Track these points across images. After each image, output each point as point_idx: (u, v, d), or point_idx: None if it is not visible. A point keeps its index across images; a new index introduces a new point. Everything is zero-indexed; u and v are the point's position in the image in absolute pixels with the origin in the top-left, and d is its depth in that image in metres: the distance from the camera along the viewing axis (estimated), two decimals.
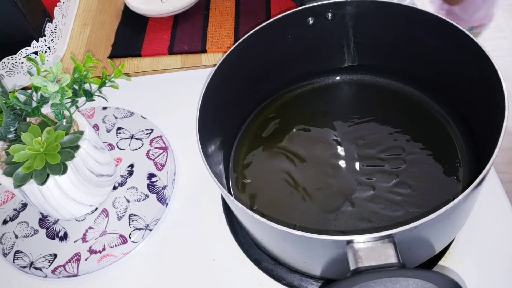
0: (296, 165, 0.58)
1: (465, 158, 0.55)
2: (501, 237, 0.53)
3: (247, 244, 0.56)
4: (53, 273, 0.55)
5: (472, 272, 0.51)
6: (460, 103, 0.56)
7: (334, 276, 0.48)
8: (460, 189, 0.53)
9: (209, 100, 0.51)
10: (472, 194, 0.42)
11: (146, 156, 0.64)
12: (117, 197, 0.60)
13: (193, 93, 0.60)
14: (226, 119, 0.59)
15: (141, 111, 0.69)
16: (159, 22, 0.83)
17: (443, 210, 0.38)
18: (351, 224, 0.52)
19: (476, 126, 0.53)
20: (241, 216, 0.49)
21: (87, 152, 0.53)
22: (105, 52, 0.80)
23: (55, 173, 0.49)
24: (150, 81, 0.75)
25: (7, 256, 0.57)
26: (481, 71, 0.49)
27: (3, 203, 0.62)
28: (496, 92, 0.46)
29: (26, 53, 0.74)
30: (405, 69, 0.61)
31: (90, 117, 0.69)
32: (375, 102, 0.62)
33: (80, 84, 0.53)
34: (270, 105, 0.65)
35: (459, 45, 0.51)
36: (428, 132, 0.58)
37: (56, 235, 0.58)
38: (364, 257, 0.38)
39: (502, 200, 0.56)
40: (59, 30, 0.81)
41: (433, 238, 0.44)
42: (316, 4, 0.57)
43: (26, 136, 0.48)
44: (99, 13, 0.88)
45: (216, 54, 0.78)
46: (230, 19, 0.82)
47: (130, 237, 0.56)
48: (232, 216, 0.58)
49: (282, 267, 0.54)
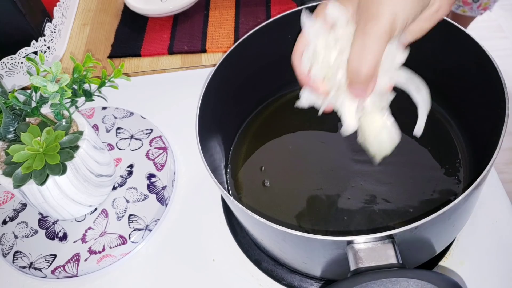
0: (296, 165, 0.58)
1: (465, 158, 0.55)
2: (501, 238, 0.53)
3: (247, 244, 0.56)
4: (52, 273, 0.55)
5: (473, 272, 0.51)
6: (461, 103, 0.56)
7: (334, 276, 0.48)
8: (461, 189, 0.53)
9: (209, 100, 0.51)
10: (473, 195, 0.41)
11: (146, 156, 0.63)
12: (116, 197, 0.60)
13: (193, 93, 0.60)
14: (226, 119, 0.59)
15: (141, 111, 0.69)
16: (158, 21, 0.83)
17: (444, 210, 0.38)
18: (350, 224, 0.52)
19: (476, 126, 0.53)
20: (241, 216, 0.49)
21: (86, 152, 0.53)
22: (104, 52, 0.80)
23: (55, 174, 0.49)
24: (150, 81, 0.75)
25: (6, 257, 0.57)
26: (481, 71, 0.49)
27: (2, 203, 0.62)
28: (496, 92, 0.46)
29: (26, 53, 0.74)
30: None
31: (89, 117, 0.69)
32: None
33: (80, 84, 0.53)
34: (270, 105, 0.65)
35: (460, 45, 0.51)
36: (428, 132, 0.58)
37: (55, 236, 0.58)
38: (364, 258, 0.38)
39: (503, 201, 0.56)
40: (58, 30, 0.81)
41: (433, 238, 0.44)
42: (316, 4, 0.56)
43: (26, 136, 0.48)
44: (99, 12, 0.88)
45: (216, 54, 0.78)
46: (230, 18, 0.82)
47: (130, 238, 0.56)
48: (232, 217, 0.58)
49: (282, 268, 0.54)
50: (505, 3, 2.02)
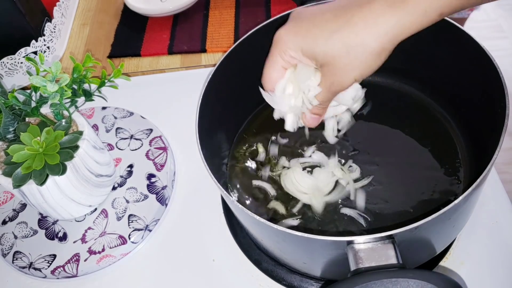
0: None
1: (465, 158, 0.55)
2: (502, 238, 0.53)
3: (247, 244, 0.56)
4: (52, 273, 0.55)
5: (473, 273, 0.51)
6: (461, 103, 0.56)
7: (334, 276, 0.48)
8: (461, 189, 0.53)
9: (209, 100, 0.51)
10: (473, 195, 0.41)
11: (146, 156, 0.63)
12: (116, 197, 0.60)
13: (193, 93, 0.60)
14: (226, 119, 0.59)
15: (141, 111, 0.69)
16: (158, 21, 0.83)
17: (444, 210, 0.38)
18: (350, 224, 0.52)
19: (476, 126, 0.53)
20: (241, 216, 0.49)
21: (86, 152, 0.53)
22: (104, 51, 0.80)
23: (54, 174, 0.49)
24: (150, 81, 0.75)
25: (6, 257, 0.57)
26: (481, 71, 0.49)
27: (2, 203, 0.62)
28: (496, 92, 0.46)
29: (25, 53, 0.74)
30: (405, 69, 0.61)
31: (89, 117, 0.69)
32: (375, 102, 0.62)
33: (80, 84, 0.53)
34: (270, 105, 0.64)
35: (460, 45, 0.51)
36: (428, 132, 0.58)
37: (55, 236, 0.58)
38: (365, 258, 0.38)
39: (503, 201, 0.55)
40: (58, 29, 0.81)
41: (433, 238, 0.44)
42: (316, 4, 0.56)
43: (25, 136, 0.48)
44: (99, 12, 0.88)
45: (216, 54, 0.78)
46: (230, 18, 0.82)
47: (130, 238, 0.56)
48: (232, 217, 0.58)
49: (282, 268, 0.54)
50: (505, 3, 2.02)
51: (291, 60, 0.46)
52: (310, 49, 0.43)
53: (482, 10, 1.99)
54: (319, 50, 0.42)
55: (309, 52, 0.43)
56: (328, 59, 0.42)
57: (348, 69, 0.42)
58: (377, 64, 0.42)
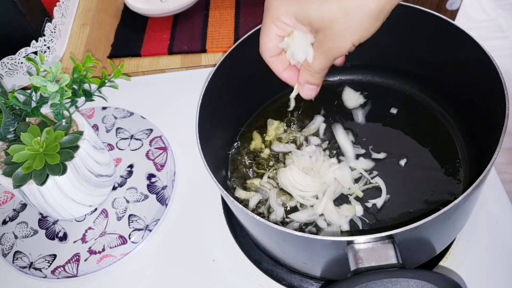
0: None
1: (465, 158, 0.55)
2: (502, 238, 0.53)
3: (247, 244, 0.56)
4: (52, 273, 0.55)
5: (473, 272, 0.51)
6: (461, 103, 0.56)
7: (334, 276, 0.48)
8: (461, 189, 0.53)
9: (209, 100, 0.51)
10: (473, 195, 0.41)
11: (146, 156, 0.63)
12: (116, 197, 0.60)
13: (193, 93, 0.60)
14: (226, 119, 0.59)
15: (141, 111, 0.69)
16: (158, 21, 0.83)
17: (444, 210, 0.38)
18: (350, 224, 0.52)
19: (476, 126, 0.53)
20: (241, 216, 0.49)
21: (86, 152, 0.53)
22: (104, 52, 0.80)
23: (55, 174, 0.49)
24: (150, 81, 0.75)
25: (6, 257, 0.57)
26: (481, 70, 0.49)
27: (2, 203, 0.62)
28: (496, 92, 0.46)
29: (26, 53, 0.74)
30: (405, 69, 0.61)
31: (89, 117, 0.69)
32: (375, 102, 0.62)
33: (80, 84, 0.53)
34: (270, 106, 0.65)
35: (460, 45, 0.51)
36: (428, 132, 0.58)
37: (55, 236, 0.58)
38: (365, 258, 0.38)
39: (503, 201, 0.55)
40: (58, 30, 0.81)
41: (433, 238, 0.44)
42: None
43: (26, 136, 0.48)
44: (99, 12, 0.88)
45: (216, 54, 0.78)
46: (230, 18, 0.82)
47: (130, 238, 0.56)
48: (232, 217, 0.58)
49: (282, 268, 0.54)
50: (505, 2, 2.02)
51: (285, 27, 0.43)
52: (304, 15, 0.41)
53: (482, 10, 1.99)
54: (315, 15, 0.40)
55: (304, 17, 0.41)
56: (324, 24, 0.40)
57: (346, 33, 0.40)
58: (375, 27, 0.40)
